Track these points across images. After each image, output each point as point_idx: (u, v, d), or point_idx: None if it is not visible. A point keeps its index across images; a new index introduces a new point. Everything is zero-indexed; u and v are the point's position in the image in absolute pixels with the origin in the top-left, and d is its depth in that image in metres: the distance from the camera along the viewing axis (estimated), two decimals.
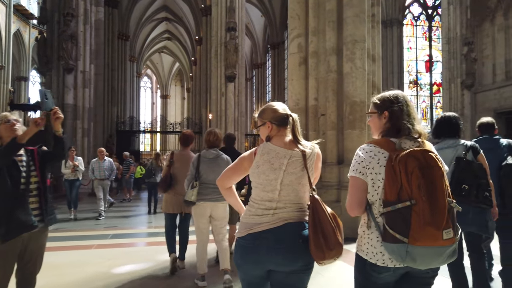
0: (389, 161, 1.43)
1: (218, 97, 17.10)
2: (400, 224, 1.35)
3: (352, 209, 1.54)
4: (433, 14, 25.32)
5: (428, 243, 1.33)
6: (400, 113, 1.54)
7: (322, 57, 5.83)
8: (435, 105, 25.05)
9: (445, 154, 2.75)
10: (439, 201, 1.35)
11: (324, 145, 5.79)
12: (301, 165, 1.66)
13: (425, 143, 1.53)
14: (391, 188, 1.40)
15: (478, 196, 2.59)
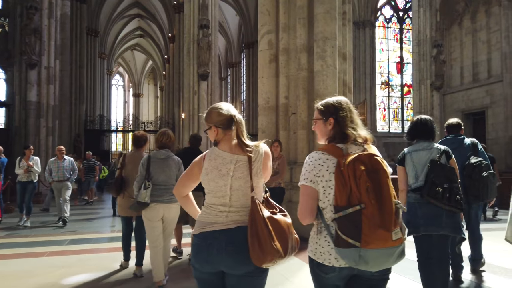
0: (338, 167, 1.46)
1: (191, 96, 16.77)
2: (352, 229, 1.38)
3: (304, 217, 1.55)
4: (404, 17, 25.86)
5: (379, 245, 1.36)
6: (344, 119, 1.58)
7: (292, 55, 5.67)
8: (406, 106, 25.59)
9: (420, 156, 2.84)
10: (387, 203, 1.38)
11: (295, 145, 5.64)
12: (247, 169, 1.64)
13: (370, 147, 1.57)
14: (341, 194, 1.42)
15: (450, 199, 2.64)
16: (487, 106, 21.16)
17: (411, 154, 2.92)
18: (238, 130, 1.71)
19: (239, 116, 1.75)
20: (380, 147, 25.04)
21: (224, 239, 1.59)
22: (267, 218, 1.55)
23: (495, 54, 20.96)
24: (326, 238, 1.50)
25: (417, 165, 2.85)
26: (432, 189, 2.66)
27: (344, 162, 1.44)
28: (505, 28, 19.56)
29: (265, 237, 1.51)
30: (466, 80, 22.79)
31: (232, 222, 1.62)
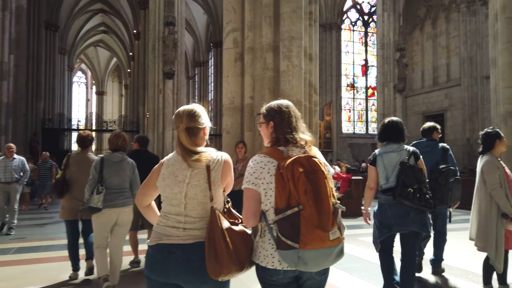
0: (278, 169, 1.47)
1: (156, 95, 16.30)
2: (291, 231, 1.39)
3: (248, 220, 1.55)
4: (369, 21, 26.50)
5: (317, 245, 1.37)
6: (284, 122, 1.59)
7: (258, 54, 5.54)
8: (370, 107, 26.23)
9: (390, 158, 2.97)
10: (324, 204, 1.41)
11: (261, 146, 5.51)
12: (204, 177, 1.59)
13: (312, 149, 1.59)
14: (281, 196, 1.43)
15: (420, 199, 2.79)
16: (446, 109, 22.05)
17: (381, 156, 3.03)
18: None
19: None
20: (345, 148, 25.57)
21: (181, 254, 1.53)
22: (226, 230, 1.51)
23: (454, 59, 21.88)
24: (270, 241, 1.50)
25: (387, 166, 2.97)
26: (404, 190, 2.79)
27: (283, 165, 1.46)
28: (464, 34, 20.44)
29: (222, 250, 1.47)
30: (426, 83, 23.67)
31: (190, 236, 1.55)
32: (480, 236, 2.88)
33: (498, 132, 2.98)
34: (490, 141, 2.96)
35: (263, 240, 1.54)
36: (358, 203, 8.28)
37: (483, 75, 19.71)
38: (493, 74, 8.15)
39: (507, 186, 2.84)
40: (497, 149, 2.95)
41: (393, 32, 18.61)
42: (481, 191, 2.95)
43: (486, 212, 2.86)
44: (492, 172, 2.84)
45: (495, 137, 2.97)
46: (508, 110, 7.24)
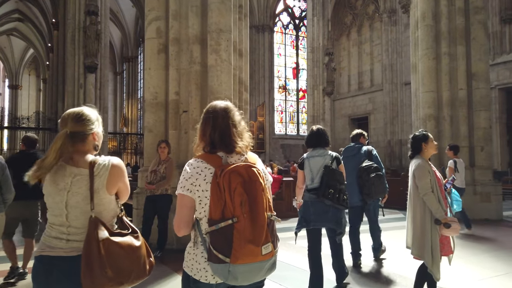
0: (214, 178, 1.38)
1: (76, 90, 14.95)
2: (223, 244, 1.33)
3: (179, 228, 1.47)
4: (300, 25, 27.16)
5: (248, 260, 1.32)
6: (222, 126, 1.51)
7: (184, 46, 5.11)
8: (301, 109, 26.89)
9: (316, 162, 3.29)
10: (260, 217, 1.35)
11: (186, 146, 5.09)
12: (87, 184, 1.48)
13: (249, 156, 1.53)
14: (216, 206, 1.36)
15: (339, 199, 3.15)
16: (369, 113, 23.33)
17: (309, 160, 3.35)
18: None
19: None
20: (277, 149, 25.90)
21: (63, 267, 1.46)
22: (102, 241, 1.42)
23: (377, 65, 23.24)
24: (203, 254, 1.43)
25: (313, 169, 3.28)
26: (326, 190, 3.13)
27: (220, 173, 1.37)
28: (385, 42, 21.78)
29: (95, 263, 1.39)
30: (352, 88, 24.86)
31: (73, 249, 1.47)
32: (415, 244, 2.78)
33: (424, 135, 2.92)
34: (418, 145, 2.89)
35: (196, 252, 1.45)
36: (289, 205, 8.20)
37: (402, 81, 21.18)
38: (413, 79, 8.60)
39: (439, 191, 2.77)
40: (427, 152, 2.87)
41: (322, 37, 19.20)
42: (414, 197, 2.85)
43: (421, 219, 2.77)
44: (423, 177, 2.75)
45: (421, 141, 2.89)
46: (427, 114, 7.64)
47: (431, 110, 7.62)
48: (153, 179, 4.43)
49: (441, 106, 7.61)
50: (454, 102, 7.51)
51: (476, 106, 7.42)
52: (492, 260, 4.29)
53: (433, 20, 7.62)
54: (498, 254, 4.56)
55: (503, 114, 15.82)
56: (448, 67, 7.51)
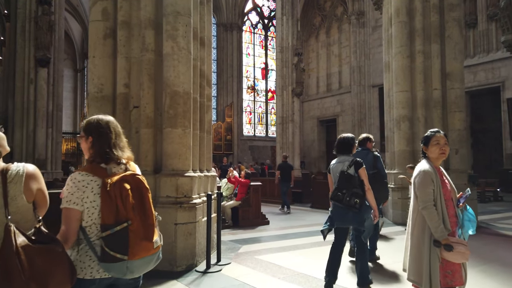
0: (104, 187, 1.53)
1: (26, 85, 13.69)
2: (120, 244, 1.49)
3: (69, 241, 1.54)
4: (269, 25, 26.76)
5: (144, 254, 1.53)
6: (103, 138, 1.62)
7: (136, 31, 4.39)
8: (270, 110, 26.47)
9: (336, 168, 3.56)
10: (149, 217, 1.57)
11: (137, 147, 4.36)
12: (2, 191, 1.47)
13: (131, 166, 1.70)
14: (108, 213, 1.50)
15: (349, 202, 3.33)
16: (338, 114, 23.27)
17: (332, 167, 3.65)
18: None
19: None
20: (246, 150, 25.32)
21: None
22: (22, 248, 1.38)
23: (345, 67, 23.22)
24: (88, 253, 1.55)
25: (335, 174, 3.56)
26: (335, 193, 3.41)
27: (109, 183, 1.52)
28: (354, 44, 21.75)
29: (13, 269, 1.33)
30: (321, 89, 24.74)
31: None
32: (412, 267, 2.24)
33: (426, 136, 2.40)
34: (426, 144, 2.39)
35: (80, 253, 1.56)
36: (257, 211, 7.59)
37: (370, 83, 21.23)
38: (386, 78, 8.26)
39: (443, 204, 2.24)
40: (434, 156, 2.34)
41: (291, 37, 18.81)
42: (413, 210, 2.32)
43: (418, 237, 2.24)
44: (424, 186, 2.22)
45: (422, 143, 2.40)
46: (401, 114, 7.29)
47: (405, 111, 7.27)
48: None
49: (415, 107, 7.28)
50: (429, 103, 7.20)
51: (451, 107, 7.15)
52: (482, 276, 3.87)
53: (407, 17, 7.29)
54: (485, 269, 4.17)
55: (467, 117, 16.02)
56: (423, 65, 7.19)
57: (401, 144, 7.31)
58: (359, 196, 3.32)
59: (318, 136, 24.33)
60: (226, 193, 7.83)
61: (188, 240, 4.18)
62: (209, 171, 5.24)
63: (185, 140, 4.30)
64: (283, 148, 18.36)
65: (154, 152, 4.37)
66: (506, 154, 16.10)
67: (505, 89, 16.24)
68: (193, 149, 4.56)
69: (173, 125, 4.26)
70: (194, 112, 4.58)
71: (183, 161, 4.27)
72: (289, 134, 18.32)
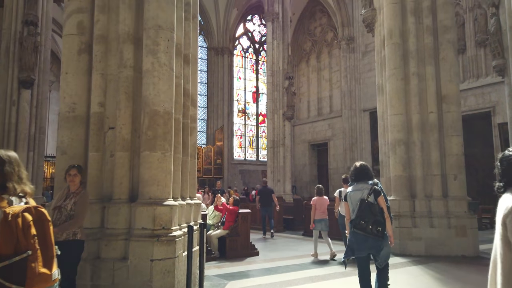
0: (5, 218, 1.52)
1: (8, 107, 13.16)
2: (17, 275, 1.49)
3: None
4: (259, 49, 26.89)
5: (42, 286, 1.54)
6: (10, 173, 1.69)
7: (113, 45, 4.04)
8: (261, 134, 26.20)
9: (355, 195, 3.61)
10: (50, 249, 1.63)
11: (112, 172, 3.93)
12: None
13: (32, 200, 1.75)
14: (7, 243, 1.50)
15: (372, 230, 3.43)
16: (329, 138, 23.07)
17: (350, 194, 3.68)
18: None
19: None
20: (236, 175, 24.81)
21: None
22: None
23: (336, 92, 23.21)
24: None
25: (353, 202, 3.60)
26: (358, 222, 3.47)
27: (11, 213, 1.54)
28: (344, 68, 21.83)
29: None
30: (312, 113, 24.64)
31: None
32: None
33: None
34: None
35: None
36: (245, 241, 7.08)
37: (361, 107, 21.17)
38: (380, 101, 8.01)
39: None
40: None
41: (282, 61, 18.80)
42: (505, 258, 1.52)
43: None
44: None
45: None
46: (396, 138, 6.99)
47: (401, 135, 6.98)
48: (56, 218, 3.22)
49: (410, 130, 6.99)
50: (425, 126, 6.93)
51: (448, 130, 6.88)
52: None
53: (401, 38, 7.11)
54: None
55: None
56: (417, 88, 6.97)
57: (397, 169, 6.97)
58: (381, 224, 3.43)
59: (309, 160, 24.05)
60: (213, 221, 7.34)
61: (166, 279, 3.69)
62: (192, 199, 4.80)
63: (164, 165, 3.88)
64: (274, 172, 17.96)
65: (130, 178, 3.93)
66: None
67: (495, 114, 16.23)
68: (175, 174, 4.14)
69: (151, 148, 3.85)
70: (176, 134, 4.19)
71: (162, 188, 3.84)
72: (280, 158, 17.98)
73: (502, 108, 15.90)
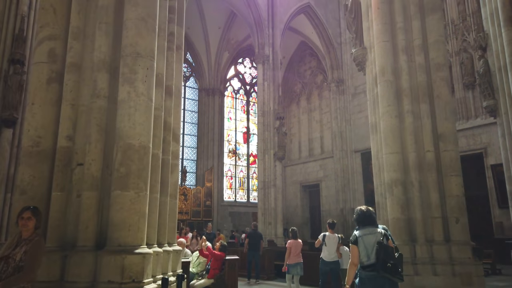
0: None
1: None
2: None
3: None
4: (250, 91, 27.09)
5: None
6: None
7: (87, 74, 3.70)
8: (252, 175, 25.72)
9: (368, 239, 3.62)
10: None
11: (77, 215, 3.44)
12: None
13: None
14: None
15: (396, 272, 3.45)
16: (321, 180, 22.67)
17: (362, 238, 3.62)
18: None
19: None
20: (226, 217, 23.97)
21: None
22: None
23: (326, 133, 23.15)
24: None
25: (367, 246, 3.56)
26: (384, 265, 3.44)
27: None
28: (334, 110, 21.91)
29: None
30: (303, 154, 24.41)
31: None
32: None
33: None
34: None
35: None
36: None
37: (352, 148, 21.02)
38: (373, 140, 7.71)
39: None
40: None
41: (273, 101, 18.78)
42: None
43: None
44: None
45: None
46: (393, 178, 6.61)
47: (398, 174, 6.61)
48: (2, 271, 2.69)
49: (407, 170, 6.63)
50: (422, 166, 6.59)
51: (446, 170, 6.53)
52: None
53: (393, 76, 6.95)
54: None
55: None
56: (413, 126, 6.70)
57: (395, 211, 6.53)
58: (401, 267, 3.46)
59: (301, 201, 23.49)
60: (196, 269, 6.69)
61: None
62: (171, 245, 4.27)
63: (138, 206, 3.41)
64: (265, 215, 17.30)
65: (97, 221, 3.43)
66: (495, 223, 15.46)
67: (488, 156, 16.13)
68: (150, 217, 3.66)
69: (123, 186, 3.39)
70: (153, 171, 3.76)
71: (133, 233, 3.34)
72: (271, 200, 17.41)
73: (494, 149, 15.81)
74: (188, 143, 24.30)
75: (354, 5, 8.55)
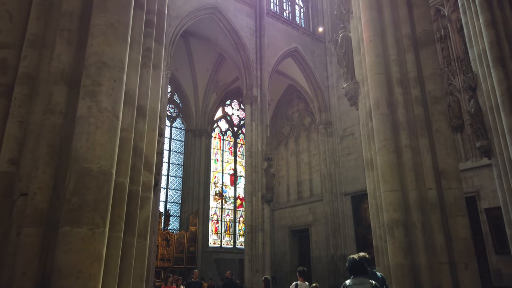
0: None
1: None
2: None
3: None
4: (238, 132, 26.77)
5: None
6: None
7: (42, 87, 3.13)
8: (238, 219, 24.70)
9: None
10: None
11: (14, 259, 2.70)
12: None
13: None
14: None
15: None
16: (310, 224, 21.80)
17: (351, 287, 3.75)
18: None
19: None
20: (210, 264, 22.54)
21: None
22: None
23: (315, 175, 22.63)
24: None
25: None
26: None
27: None
28: (323, 152, 21.58)
29: None
30: (292, 197, 23.68)
31: None
32: None
33: None
34: None
35: None
36: None
37: (342, 191, 20.46)
38: (369, 177, 7.18)
39: None
40: None
41: (261, 142, 18.36)
42: None
43: None
44: None
45: None
46: (394, 218, 5.99)
47: (398, 214, 6.00)
48: None
49: (408, 209, 6.04)
50: (424, 205, 6.02)
51: (451, 210, 5.97)
52: None
53: (389, 109, 6.56)
54: None
55: None
56: (412, 162, 6.20)
57: (397, 256, 5.84)
58: None
59: (290, 247, 22.40)
60: None
61: None
62: None
63: (92, 246, 2.70)
64: (252, 261, 16.22)
65: (38, 265, 2.70)
66: (493, 270, 14.71)
67: (481, 199, 15.68)
68: (109, 260, 2.94)
69: (75, 221, 2.70)
70: (117, 204, 3.09)
71: (83, 282, 2.60)
72: (258, 245, 16.41)
73: (487, 192, 15.40)
74: (172, 185, 23.42)
75: (345, 40, 8.39)
